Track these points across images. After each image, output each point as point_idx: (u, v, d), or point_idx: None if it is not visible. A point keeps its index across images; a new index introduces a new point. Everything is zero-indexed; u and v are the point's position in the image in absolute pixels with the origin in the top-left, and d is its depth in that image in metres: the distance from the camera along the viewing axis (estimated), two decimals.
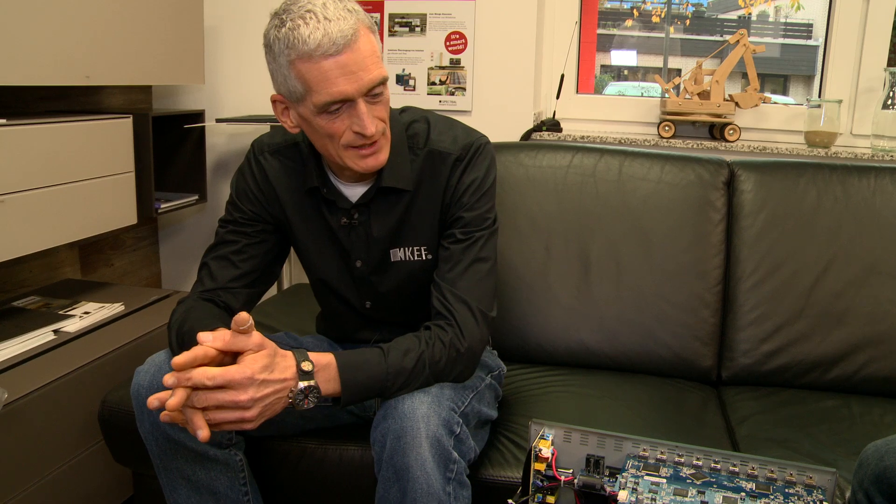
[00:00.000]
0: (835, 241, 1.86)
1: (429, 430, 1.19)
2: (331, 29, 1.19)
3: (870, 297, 1.82)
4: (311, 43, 1.19)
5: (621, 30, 3.89)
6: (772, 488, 1.08)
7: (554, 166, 1.99)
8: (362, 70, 1.22)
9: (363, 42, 1.22)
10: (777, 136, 2.42)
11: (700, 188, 1.94)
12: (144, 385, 1.29)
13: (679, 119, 2.37)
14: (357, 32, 1.21)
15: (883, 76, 2.32)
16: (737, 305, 1.89)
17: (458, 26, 2.44)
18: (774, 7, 8.34)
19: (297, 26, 1.20)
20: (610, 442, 1.15)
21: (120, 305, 2.12)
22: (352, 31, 1.20)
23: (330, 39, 1.19)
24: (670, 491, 1.08)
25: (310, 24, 1.19)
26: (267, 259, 1.47)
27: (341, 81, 1.21)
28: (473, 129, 1.45)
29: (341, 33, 1.19)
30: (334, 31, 1.19)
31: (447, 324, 1.31)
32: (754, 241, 1.90)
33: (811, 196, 1.89)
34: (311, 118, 1.27)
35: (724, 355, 1.90)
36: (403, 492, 1.18)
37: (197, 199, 2.50)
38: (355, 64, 1.21)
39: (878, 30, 2.32)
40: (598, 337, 1.90)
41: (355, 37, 1.21)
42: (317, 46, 1.19)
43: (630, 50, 4.15)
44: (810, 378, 1.83)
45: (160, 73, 2.27)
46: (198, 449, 1.31)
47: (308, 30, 1.19)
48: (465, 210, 1.38)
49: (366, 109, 1.25)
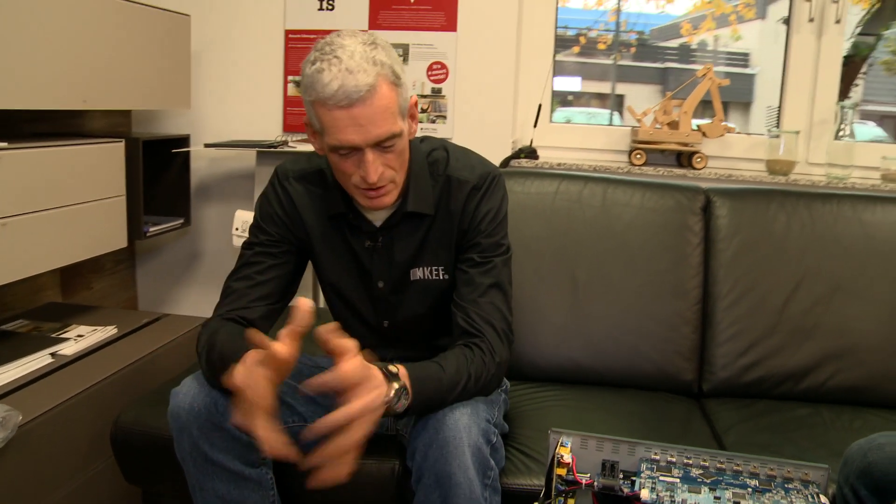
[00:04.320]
0: (802, 263, 2.02)
1: (471, 439, 1.27)
2: (348, 82, 1.25)
3: (835, 314, 1.98)
4: (327, 92, 1.26)
5: (566, 56, 4.03)
6: (773, 484, 1.19)
7: (542, 193, 2.11)
8: (371, 124, 1.29)
9: (379, 97, 1.28)
10: (740, 163, 2.58)
11: (679, 213, 2.07)
12: (185, 407, 1.34)
13: (650, 147, 2.51)
14: (374, 88, 1.27)
15: (835, 109, 2.51)
16: (715, 322, 2.03)
17: (440, 56, 2.55)
18: (714, 36, 8.63)
19: (321, 70, 1.27)
20: (624, 447, 1.25)
21: (113, 328, 2.14)
22: (367, 87, 1.26)
23: (344, 92, 1.26)
24: (685, 489, 1.18)
25: (332, 71, 1.26)
26: (288, 279, 1.54)
27: (350, 131, 1.29)
28: (487, 159, 1.55)
29: (356, 88, 1.25)
30: (350, 85, 1.25)
31: (479, 342, 1.40)
32: (730, 263, 2.04)
33: (781, 221, 2.05)
34: (328, 153, 1.37)
35: (705, 369, 2.03)
36: (445, 497, 1.26)
37: (182, 223, 2.54)
38: (365, 118, 1.28)
39: (830, 66, 2.51)
40: (587, 354, 2.02)
41: (371, 92, 1.27)
42: (331, 96, 1.26)
43: (574, 76, 4.29)
44: (784, 389, 1.97)
45: (150, 97, 2.32)
46: (234, 469, 1.37)
47: (329, 76, 1.26)
48: (483, 237, 1.48)
49: (372, 158, 1.32)
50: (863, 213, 2.04)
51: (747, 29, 6.11)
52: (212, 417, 1.33)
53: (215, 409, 1.34)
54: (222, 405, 1.34)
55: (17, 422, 1.57)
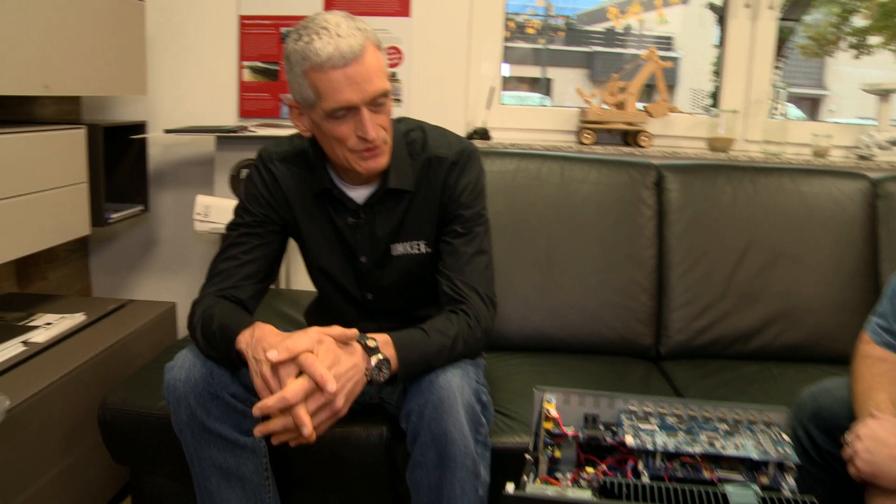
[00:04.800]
0: (748, 232, 2.17)
1: (463, 398, 1.36)
2: (341, 44, 1.34)
3: (779, 278, 2.14)
4: (322, 55, 1.34)
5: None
6: (740, 427, 1.31)
7: (503, 171, 2.20)
8: (366, 82, 1.38)
9: (369, 57, 1.38)
10: (683, 141, 2.72)
11: (633, 188, 2.20)
12: (182, 379, 1.39)
13: (598, 127, 2.62)
14: (364, 48, 1.36)
15: (769, 89, 2.66)
16: (670, 289, 2.17)
17: (395, 41, 2.61)
18: (640, 20, 8.83)
19: (312, 41, 1.35)
20: (604, 401, 1.35)
21: (82, 315, 2.15)
22: (360, 47, 1.36)
23: (339, 53, 1.34)
24: (664, 434, 1.28)
25: (323, 39, 1.34)
26: (272, 258, 1.59)
27: (347, 91, 1.37)
28: (461, 136, 1.63)
29: (350, 48, 1.35)
30: (344, 46, 1.34)
31: (464, 308, 1.48)
32: (682, 234, 2.18)
33: (727, 193, 2.19)
34: (321, 123, 1.42)
35: (662, 333, 2.17)
36: (442, 454, 1.34)
37: (142, 210, 2.54)
38: (360, 76, 1.37)
39: (764, 49, 2.66)
40: (552, 323, 2.13)
41: (362, 52, 1.36)
42: (327, 59, 1.34)
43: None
44: (735, 349, 2.13)
45: (107, 83, 2.31)
46: (230, 437, 1.42)
47: (321, 44, 1.34)
48: (464, 208, 1.56)
49: (368, 117, 1.40)
50: (801, 185, 2.20)
51: (671, 13, 6.27)
52: (208, 387, 1.39)
53: (211, 379, 1.40)
54: (218, 375, 1.40)
55: (6, 407, 1.59)
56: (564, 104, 2.46)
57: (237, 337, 1.36)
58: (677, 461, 1.26)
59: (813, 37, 8.85)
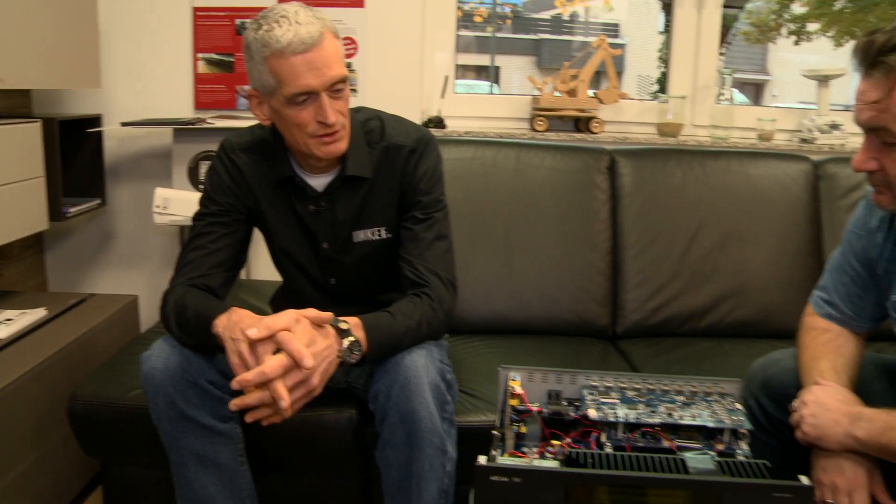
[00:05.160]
0: (699, 214, 2.25)
1: (429, 377, 1.40)
2: (300, 31, 1.39)
3: (729, 258, 2.23)
4: (283, 42, 1.38)
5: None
6: (696, 398, 1.37)
7: (460, 158, 2.25)
8: (326, 67, 1.42)
9: (328, 44, 1.42)
10: (633, 127, 2.79)
11: (587, 173, 2.26)
12: (159, 368, 1.41)
13: (550, 114, 2.68)
14: (323, 35, 1.41)
15: (715, 75, 2.75)
16: (625, 271, 2.24)
17: (349, 32, 2.63)
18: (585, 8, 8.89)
19: (272, 28, 1.40)
20: (566, 377, 1.40)
21: (43, 310, 2.14)
22: (318, 34, 1.40)
23: (299, 39, 1.39)
24: (625, 407, 1.34)
25: (283, 27, 1.39)
26: (239, 246, 1.62)
27: (308, 76, 1.41)
28: (418, 124, 1.67)
29: (309, 35, 1.39)
30: (303, 33, 1.39)
31: (427, 291, 1.53)
32: (635, 217, 2.25)
33: (678, 177, 2.27)
34: (281, 109, 1.46)
35: (618, 313, 2.24)
36: (410, 432, 1.38)
37: (99, 204, 2.53)
38: (320, 61, 1.41)
39: (710, 36, 2.75)
40: (511, 306, 2.18)
41: (321, 38, 1.41)
42: (287, 45, 1.39)
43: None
44: (688, 326, 2.21)
45: (61, 76, 2.29)
46: (207, 424, 1.45)
47: (281, 31, 1.39)
48: (423, 195, 1.60)
49: (328, 102, 1.45)
50: (749, 168, 2.29)
51: (617, 1, 6.33)
52: (186, 375, 1.41)
53: (188, 367, 1.42)
54: (195, 362, 1.43)
55: None
56: (512, 92, 2.50)
57: (214, 321, 1.39)
58: (638, 432, 1.31)
59: (755, 23, 9.07)
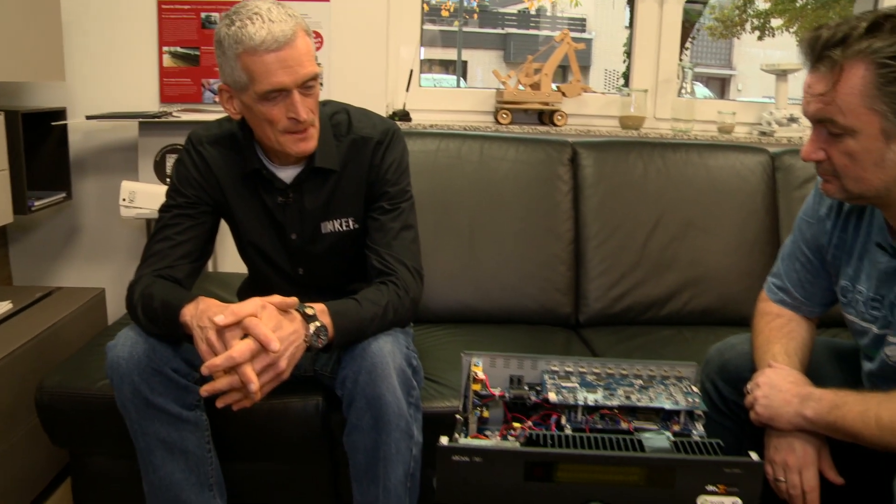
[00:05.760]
0: (659, 205, 2.30)
1: (395, 363, 1.43)
2: (274, 29, 1.40)
3: (689, 248, 2.28)
4: (256, 39, 1.40)
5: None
6: (654, 382, 1.41)
7: (425, 151, 2.28)
8: (298, 65, 1.44)
9: (300, 42, 1.44)
10: (596, 120, 2.83)
11: (549, 165, 2.30)
12: (124, 356, 1.43)
13: (514, 107, 2.72)
14: (296, 33, 1.42)
15: (676, 69, 2.80)
16: (587, 260, 2.28)
17: (315, 26, 2.64)
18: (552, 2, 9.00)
19: (245, 25, 1.40)
20: (527, 362, 1.43)
21: (8, 303, 2.13)
22: (291, 32, 1.41)
23: (273, 37, 1.40)
24: (584, 391, 1.38)
25: (256, 24, 1.40)
26: (205, 238, 1.63)
27: (280, 73, 1.42)
28: (384, 117, 1.70)
29: (283, 33, 1.40)
30: (277, 31, 1.40)
31: (394, 279, 1.56)
32: (597, 208, 2.30)
33: (639, 168, 2.31)
34: (253, 105, 1.47)
35: (580, 302, 2.28)
36: (377, 417, 1.41)
37: (65, 197, 2.52)
38: (293, 59, 1.43)
39: (671, 31, 2.80)
40: (476, 296, 2.22)
41: (294, 36, 1.42)
42: (261, 42, 1.40)
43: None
44: (649, 315, 2.26)
45: (24, 69, 2.28)
46: (173, 411, 1.46)
47: (254, 28, 1.40)
48: (390, 186, 1.63)
49: (299, 99, 1.46)
50: (708, 160, 2.35)
51: None
52: (151, 363, 1.43)
53: (154, 355, 1.44)
54: (160, 351, 1.45)
55: None
56: (476, 86, 2.53)
57: (181, 311, 1.41)
58: (597, 414, 1.35)
59: (719, 18, 9.20)
